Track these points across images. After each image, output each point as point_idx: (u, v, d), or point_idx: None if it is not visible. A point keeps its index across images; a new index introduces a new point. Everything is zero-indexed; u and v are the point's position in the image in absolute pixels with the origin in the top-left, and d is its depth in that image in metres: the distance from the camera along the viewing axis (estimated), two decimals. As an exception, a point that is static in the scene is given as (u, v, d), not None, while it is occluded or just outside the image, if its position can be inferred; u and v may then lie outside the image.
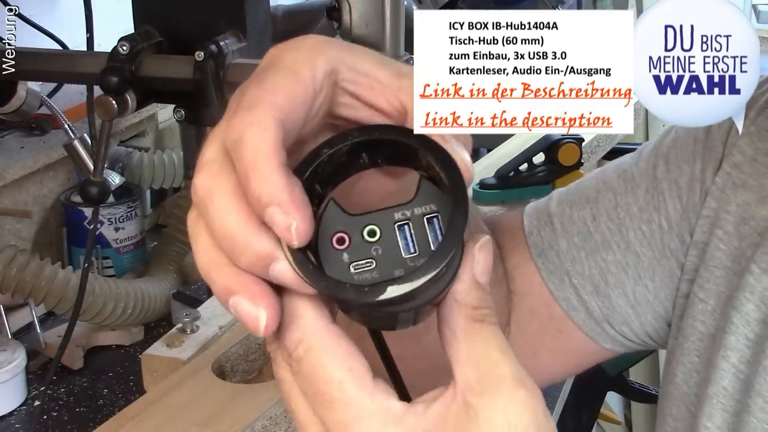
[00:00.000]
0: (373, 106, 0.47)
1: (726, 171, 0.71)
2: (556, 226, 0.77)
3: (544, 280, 0.77)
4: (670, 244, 0.74)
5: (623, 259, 0.75)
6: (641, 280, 0.75)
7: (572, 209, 0.78)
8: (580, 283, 0.76)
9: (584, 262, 0.76)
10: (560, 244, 0.77)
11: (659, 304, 0.74)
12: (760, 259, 0.67)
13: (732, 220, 0.70)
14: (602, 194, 0.77)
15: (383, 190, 0.50)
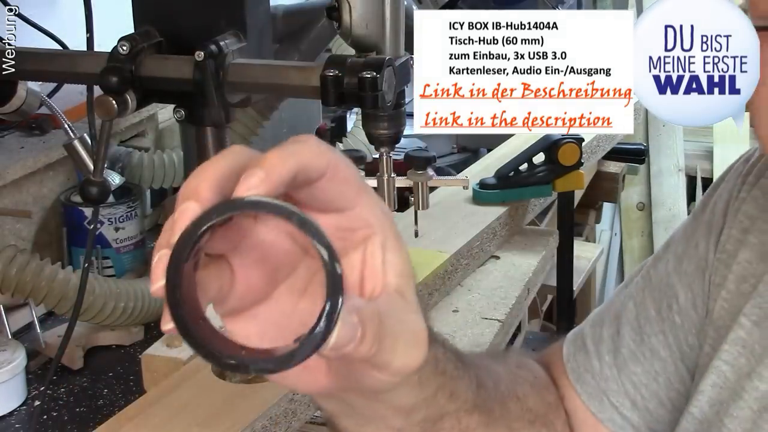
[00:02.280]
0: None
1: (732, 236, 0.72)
2: (589, 348, 0.79)
3: (585, 404, 0.77)
4: (687, 338, 0.74)
5: (651, 368, 0.76)
6: (672, 385, 0.75)
7: (602, 328, 0.79)
8: (619, 401, 0.76)
9: (617, 380, 0.76)
10: (594, 365, 0.78)
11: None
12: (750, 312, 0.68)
13: (734, 279, 0.71)
14: (626, 305, 0.78)
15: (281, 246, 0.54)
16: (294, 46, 1.39)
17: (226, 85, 1.01)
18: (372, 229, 0.54)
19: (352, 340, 0.49)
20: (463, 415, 0.66)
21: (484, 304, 1.28)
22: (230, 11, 1.04)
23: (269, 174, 0.48)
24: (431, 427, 0.64)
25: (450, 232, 1.37)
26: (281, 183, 0.49)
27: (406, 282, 0.55)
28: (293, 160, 0.49)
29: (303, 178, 0.50)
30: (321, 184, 0.51)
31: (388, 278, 0.54)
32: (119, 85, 0.99)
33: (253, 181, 0.48)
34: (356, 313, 0.49)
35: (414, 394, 0.60)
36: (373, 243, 0.54)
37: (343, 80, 0.96)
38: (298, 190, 0.51)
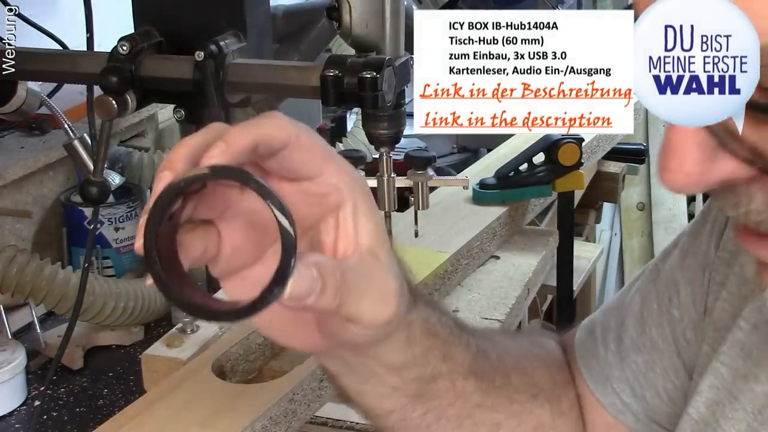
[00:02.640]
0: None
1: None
2: (597, 335, 0.80)
3: (590, 388, 0.79)
4: (685, 333, 0.75)
5: (650, 358, 0.77)
6: (668, 377, 0.76)
7: (611, 317, 0.81)
8: (620, 387, 0.78)
9: (619, 367, 0.78)
10: (599, 351, 0.79)
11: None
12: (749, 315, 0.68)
13: (735, 280, 0.71)
14: (633, 297, 0.80)
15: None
16: (294, 46, 1.39)
17: (226, 85, 1.01)
18: (342, 195, 0.59)
19: (311, 292, 0.53)
20: (457, 378, 0.70)
21: (484, 304, 1.28)
22: (230, 11, 1.04)
23: (230, 145, 0.54)
24: (425, 386, 0.68)
25: (450, 232, 1.37)
26: (240, 153, 0.54)
27: (378, 243, 0.60)
28: (253, 132, 0.55)
29: (266, 149, 0.56)
30: (286, 154, 0.57)
31: (360, 240, 0.59)
32: (119, 85, 0.99)
33: (215, 151, 0.54)
34: (316, 268, 0.54)
35: (403, 352, 0.65)
36: (345, 207, 0.59)
37: (343, 80, 0.96)
38: (265, 161, 0.57)
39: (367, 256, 0.59)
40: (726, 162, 0.47)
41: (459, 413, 0.72)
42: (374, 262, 0.60)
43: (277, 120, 0.57)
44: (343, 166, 0.60)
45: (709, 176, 0.47)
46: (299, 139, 0.57)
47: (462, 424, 0.73)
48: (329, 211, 0.60)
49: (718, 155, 0.47)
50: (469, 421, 0.73)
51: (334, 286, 0.55)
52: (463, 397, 0.72)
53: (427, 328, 0.67)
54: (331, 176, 0.59)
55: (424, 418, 0.70)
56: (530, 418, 0.77)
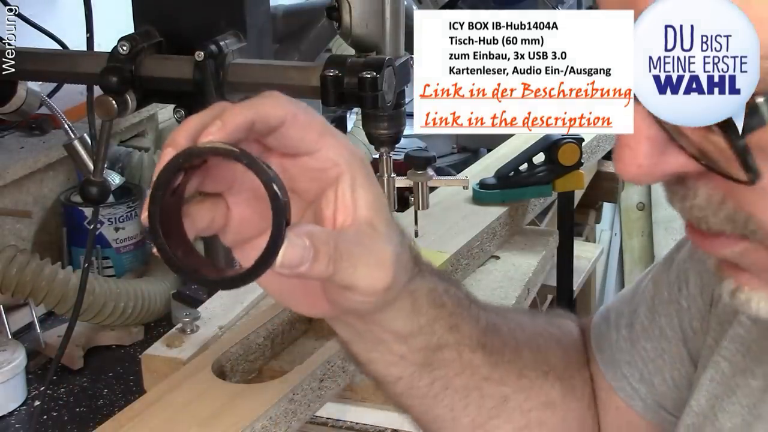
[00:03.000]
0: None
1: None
2: (611, 320, 0.82)
3: (602, 371, 0.80)
4: (692, 323, 0.76)
5: (659, 346, 0.78)
6: (675, 365, 0.77)
7: (624, 302, 0.82)
8: (629, 372, 0.79)
9: (630, 352, 0.79)
10: (612, 335, 0.81)
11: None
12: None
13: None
14: (647, 285, 0.80)
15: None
16: (294, 46, 1.39)
17: (226, 85, 1.01)
18: (340, 168, 0.62)
19: (303, 260, 0.56)
20: (464, 350, 0.72)
21: (484, 304, 1.28)
22: (230, 11, 1.04)
23: (226, 123, 0.57)
24: (431, 355, 0.71)
25: (450, 232, 1.37)
26: (237, 130, 0.57)
27: (376, 214, 0.62)
28: (250, 111, 0.58)
29: (263, 126, 0.59)
30: (283, 131, 0.60)
31: (358, 211, 0.62)
32: (119, 85, 0.99)
33: (212, 129, 0.57)
34: (308, 237, 0.56)
35: (409, 320, 0.68)
36: (343, 180, 0.62)
37: (343, 80, 0.96)
38: (265, 138, 0.60)
39: (364, 226, 0.62)
40: (675, 156, 0.50)
41: (466, 384, 0.74)
42: (372, 232, 0.62)
43: (275, 99, 0.60)
44: (341, 141, 0.62)
45: (659, 169, 0.50)
46: (296, 116, 0.60)
47: (469, 395, 0.74)
48: (329, 184, 0.62)
49: (668, 149, 0.49)
50: (476, 392, 0.74)
51: (327, 254, 0.57)
52: (471, 368, 0.73)
53: (433, 298, 0.70)
54: (329, 151, 0.61)
55: (431, 387, 0.72)
56: (539, 394, 0.78)
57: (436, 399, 0.73)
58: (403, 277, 0.65)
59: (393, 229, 0.64)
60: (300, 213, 0.64)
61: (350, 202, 0.62)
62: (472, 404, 0.75)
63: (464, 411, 0.75)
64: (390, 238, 0.63)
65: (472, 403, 0.75)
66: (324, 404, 1.03)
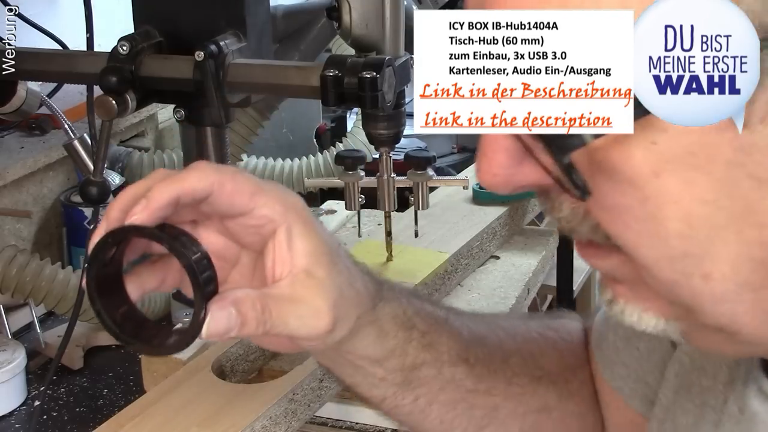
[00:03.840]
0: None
1: None
2: (609, 321, 0.82)
3: (601, 371, 0.81)
4: None
5: (650, 345, 0.78)
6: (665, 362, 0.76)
7: None
8: (625, 372, 0.79)
9: (625, 351, 0.79)
10: (608, 336, 0.81)
11: None
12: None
13: None
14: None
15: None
16: (294, 46, 1.39)
17: (226, 85, 1.01)
18: (275, 223, 0.65)
19: (231, 327, 0.61)
20: (443, 366, 0.75)
21: (484, 304, 1.28)
22: (230, 11, 1.04)
23: (150, 202, 0.61)
24: (409, 374, 0.73)
25: (450, 232, 1.37)
26: (160, 208, 0.62)
27: (314, 261, 0.65)
28: (174, 187, 0.62)
29: (189, 200, 0.63)
30: (212, 200, 0.64)
31: (295, 261, 0.65)
32: (119, 85, 0.99)
33: (137, 208, 0.61)
34: (234, 305, 0.61)
35: (378, 345, 0.71)
36: (279, 234, 0.65)
37: (343, 80, 0.96)
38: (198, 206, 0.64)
39: (302, 275, 0.65)
40: (530, 168, 0.51)
41: (451, 398, 0.76)
42: (308, 280, 0.65)
43: (200, 171, 0.64)
44: (273, 197, 0.66)
45: (514, 179, 0.52)
46: (222, 185, 0.64)
47: (456, 407, 0.76)
48: (268, 238, 0.66)
49: (525, 161, 0.51)
50: (463, 404, 0.76)
51: (255, 318, 0.62)
52: (453, 383, 0.75)
53: (401, 322, 0.73)
54: (262, 209, 0.65)
55: (415, 404, 0.75)
56: (532, 400, 0.79)
57: (423, 414, 0.76)
58: (351, 314, 0.68)
59: (335, 272, 0.67)
60: (251, 264, 0.68)
61: (287, 253, 0.65)
62: (462, 415, 0.77)
63: (454, 422, 0.77)
64: (330, 282, 0.66)
65: (460, 415, 0.77)
66: (324, 404, 1.03)
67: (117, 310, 0.64)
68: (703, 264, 0.50)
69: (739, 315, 0.51)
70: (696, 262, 0.50)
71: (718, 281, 0.50)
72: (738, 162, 0.47)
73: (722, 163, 0.47)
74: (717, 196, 0.48)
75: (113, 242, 0.63)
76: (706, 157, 0.47)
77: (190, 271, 0.60)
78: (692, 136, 0.47)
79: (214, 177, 0.64)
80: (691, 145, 0.47)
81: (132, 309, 0.65)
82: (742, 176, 0.47)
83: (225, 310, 0.61)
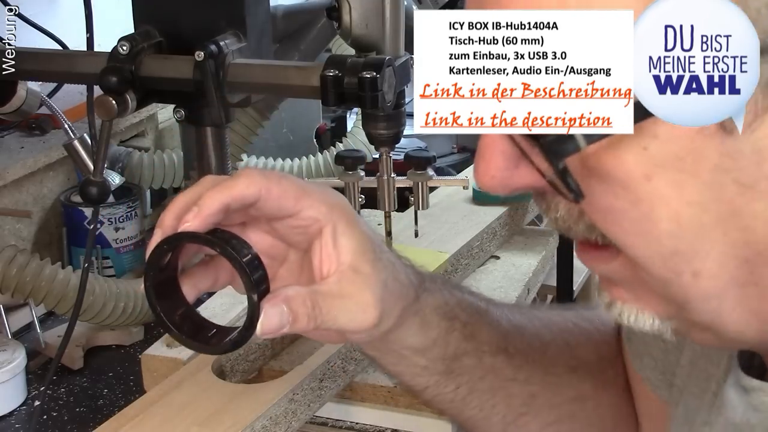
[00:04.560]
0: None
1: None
2: None
3: (631, 362, 0.82)
4: None
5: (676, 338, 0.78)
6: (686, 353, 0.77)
7: None
8: (654, 364, 0.80)
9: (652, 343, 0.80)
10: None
11: None
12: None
13: None
14: None
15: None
16: (294, 46, 1.39)
17: (226, 85, 1.01)
18: (321, 223, 0.69)
19: (283, 324, 0.64)
20: (484, 355, 0.78)
21: (484, 304, 1.28)
22: (230, 11, 1.04)
23: (201, 210, 0.65)
24: (451, 363, 0.77)
25: (450, 232, 1.37)
26: (211, 215, 0.65)
27: (359, 258, 0.69)
28: (224, 195, 0.66)
29: (239, 206, 0.67)
30: (260, 204, 0.67)
31: (341, 258, 0.68)
32: (119, 85, 0.99)
33: (189, 216, 0.65)
34: (285, 303, 0.64)
35: (421, 336, 0.74)
36: (325, 233, 0.69)
37: (343, 80, 0.96)
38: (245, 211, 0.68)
39: (348, 272, 0.68)
40: (526, 171, 0.53)
41: (491, 386, 0.79)
42: (354, 276, 0.68)
43: (248, 177, 0.67)
44: (317, 198, 0.69)
45: (511, 182, 0.54)
46: (269, 191, 0.67)
47: (495, 395, 0.79)
48: (314, 237, 0.69)
49: (521, 164, 0.53)
50: (502, 392, 0.79)
51: (305, 314, 0.65)
52: (493, 372, 0.78)
53: (443, 312, 0.76)
54: (308, 211, 0.68)
55: (457, 392, 0.78)
56: (568, 389, 0.81)
57: (464, 402, 0.79)
58: (396, 307, 0.71)
59: (379, 266, 0.70)
60: (298, 262, 0.72)
61: (333, 251, 0.68)
62: (501, 403, 0.80)
63: (493, 410, 0.80)
64: (375, 277, 0.69)
65: (500, 403, 0.80)
66: (324, 404, 1.03)
67: (175, 313, 0.68)
68: (693, 262, 0.52)
69: (726, 312, 0.53)
70: (686, 260, 0.52)
71: (706, 279, 0.52)
72: (724, 167, 0.49)
73: (709, 168, 0.49)
74: (703, 199, 0.50)
75: (168, 249, 0.66)
76: (693, 161, 0.49)
77: (242, 273, 0.63)
78: (681, 142, 0.49)
79: (262, 183, 0.67)
80: (680, 150, 0.49)
81: (189, 310, 0.69)
82: (727, 181, 0.49)
83: (277, 308, 0.64)
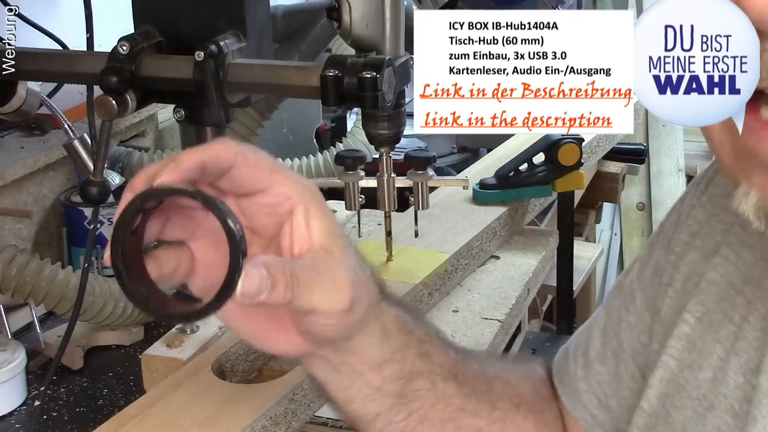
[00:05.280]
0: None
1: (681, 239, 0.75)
2: (570, 352, 0.84)
3: (564, 403, 0.82)
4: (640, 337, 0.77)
5: (612, 368, 0.80)
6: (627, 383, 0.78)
7: (581, 334, 0.84)
8: (587, 399, 0.80)
9: (586, 379, 0.81)
10: (570, 367, 0.83)
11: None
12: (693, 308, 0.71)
13: (680, 278, 0.74)
14: (599, 313, 0.83)
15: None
16: (294, 46, 1.39)
17: (226, 85, 1.01)
18: (293, 201, 0.65)
19: (261, 289, 0.59)
20: (437, 379, 0.75)
21: (484, 304, 1.28)
22: (230, 11, 1.04)
23: (178, 165, 0.61)
24: (406, 384, 0.73)
25: (450, 232, 1.37)
26: (189, 170, 0.61)
27: (330, 240, 0.66)
28: (201, 154, 0.62)
29: (214, 168, 0.63)
30: (234, 171, 0.63)
31: (313, 239, 0.65)
32: (119, 85, 0.99)
33: (165, 171, 0.61)
34: (264, 266, 0.60)
35: (381, 346, 0.71)
36: (297, 212, 0.66)
37: (343, 80, 0.96)
38: (218, 181, 0.64)
39: (320, 252, 0.65)
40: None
41: (441, 416, 0.75)
42: (327, 257, 0.65)
43: (224, 143, 0.64)
44: (291, 176, 0.66)
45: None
46: (245, 157, 0.64)
47: (445, 427, 0.76)
48: (284, 217, 0.66)
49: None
50: (452, 424, 0.76)
51: (284, 281, 0.61)
52: (444, 399, 0.75)
53: (402, 324, 0.73)
54: (281, 186, 0.65)
55: (408, 421, 0.74)
56: (512, 426, 0.79)
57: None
58: (364, 299, 0.68)
59: (349, 253, 0.67)
60: (262, 250, 0.67)
61: (305, 231, 0.65)
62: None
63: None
64: (346, 261, 0.66)
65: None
66: (324, 404, 1.03)
67: (141, 284, 0.63)
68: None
69: None
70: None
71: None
72: None
73: None
74: None
75: (142, 205, 0.61)
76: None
77: (226, 225, 0.59)
78: None
79: (238, 149, 0.64)
80: None
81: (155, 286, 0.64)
82: None
83: (258, 269, 0.60)
